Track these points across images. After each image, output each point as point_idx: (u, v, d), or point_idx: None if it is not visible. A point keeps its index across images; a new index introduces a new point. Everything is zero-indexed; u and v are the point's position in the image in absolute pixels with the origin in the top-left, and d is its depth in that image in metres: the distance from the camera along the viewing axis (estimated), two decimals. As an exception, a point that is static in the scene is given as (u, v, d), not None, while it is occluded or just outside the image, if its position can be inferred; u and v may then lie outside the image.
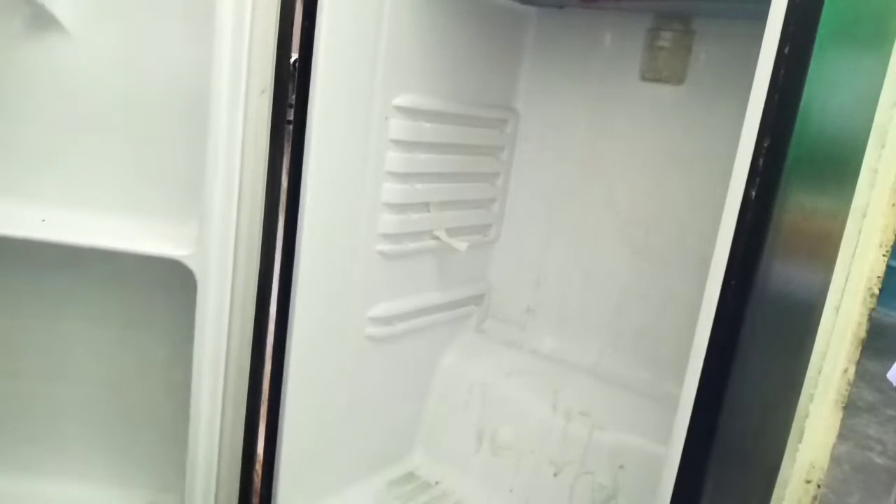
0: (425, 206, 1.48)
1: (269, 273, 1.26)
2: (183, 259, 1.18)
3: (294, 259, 1.25)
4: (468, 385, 1.65)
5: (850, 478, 2.46)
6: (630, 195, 1.55)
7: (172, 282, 1.37)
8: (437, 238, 1.52)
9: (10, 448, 1.44)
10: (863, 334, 1.09)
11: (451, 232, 1.54)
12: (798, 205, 0.96)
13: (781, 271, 0.99)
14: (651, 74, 1.48)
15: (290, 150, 1.22)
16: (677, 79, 1.45)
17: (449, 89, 1.45)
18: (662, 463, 0.98)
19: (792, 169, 0.87)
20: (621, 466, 1.40)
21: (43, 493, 1.43)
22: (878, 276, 1.07)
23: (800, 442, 1.12)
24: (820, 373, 1.10)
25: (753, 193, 0.86)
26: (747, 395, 1.02)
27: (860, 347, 1.10)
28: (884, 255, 1.07)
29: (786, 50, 0.82)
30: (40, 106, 1.27)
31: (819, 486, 1.15)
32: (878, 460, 2.62)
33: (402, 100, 1.34)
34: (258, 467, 1.37)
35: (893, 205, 1.05)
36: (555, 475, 1.49)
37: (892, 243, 1.07)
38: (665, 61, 1.45)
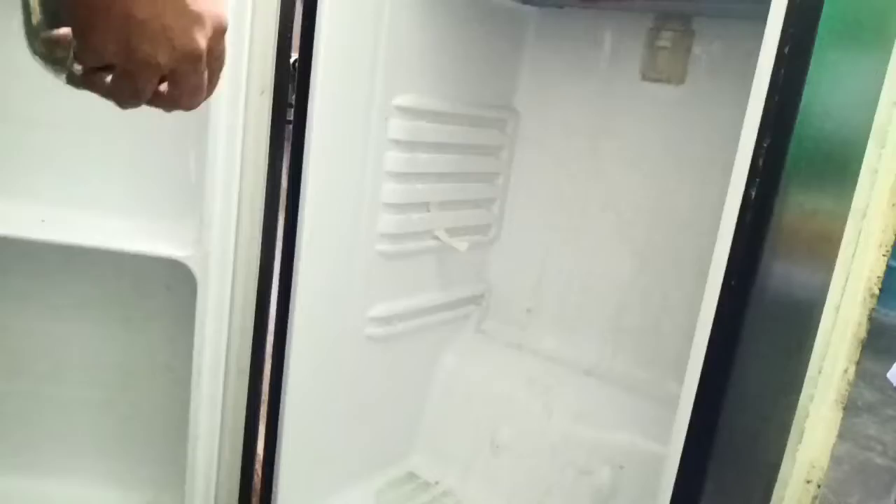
0: (425, 206, 1.48)
1: (269, 273, 1.26)
2: (183, 259, 1.18)
3: (294, 259, 1.25)
4: (468, 385, 1.65)
5: (850, 478, 2.46)
6: (630, 195, 1.55)
7: (172, 282, 1.37)
8: (437, 238, 1.52)
9: (9, 447, 1.44)
10: (863, 334, 1.09)
11: (451, 232, 1.54)
12: (798, 205, 0.96)
13: (781, 271, 0.99)
14: (651, 74, 1.48)
15: (290, 150, 1.22)
16: (677, 79, 1.45)
17: (449, 89, 1.45)
18: (662, 463, 0.98)
19: (792, 169, 0.87)
20: (621, 466, 1.40)
21: (43, 492, 1.43)
22: (878, 277, 1.07)
23: (800, 442, 1.12)
24: (820, 373, 1.10)
25: (753, 193, 0.86)
26: (747, 395, 1.02)
27: (860, 347, 1.10)
28: (884, 256, 1.07)
29: (786, 50, 0.82)
30: (40, 106, 1.27)
31: (819, 486, 1.15)
32: (878, 460, 2.62)
33: (402, 100, 1.34)
34: (258, 467, 1.37)
35: (893, 205, 1.05)
36: (554, 475, 1.49)
37: (892, 243, 1.07)
38: (665, 61, 1.45)
